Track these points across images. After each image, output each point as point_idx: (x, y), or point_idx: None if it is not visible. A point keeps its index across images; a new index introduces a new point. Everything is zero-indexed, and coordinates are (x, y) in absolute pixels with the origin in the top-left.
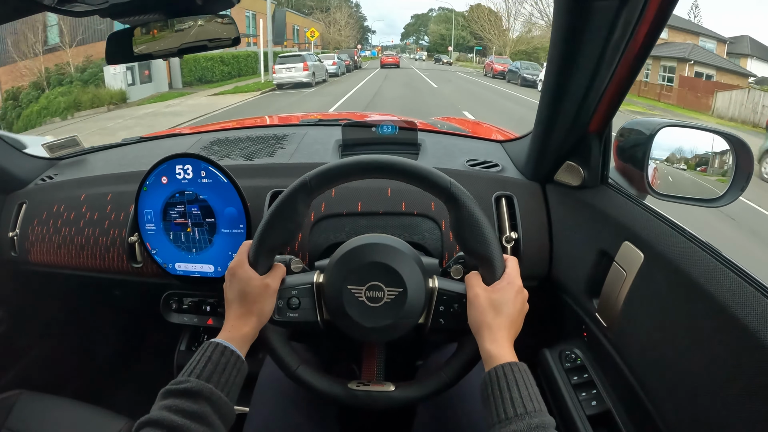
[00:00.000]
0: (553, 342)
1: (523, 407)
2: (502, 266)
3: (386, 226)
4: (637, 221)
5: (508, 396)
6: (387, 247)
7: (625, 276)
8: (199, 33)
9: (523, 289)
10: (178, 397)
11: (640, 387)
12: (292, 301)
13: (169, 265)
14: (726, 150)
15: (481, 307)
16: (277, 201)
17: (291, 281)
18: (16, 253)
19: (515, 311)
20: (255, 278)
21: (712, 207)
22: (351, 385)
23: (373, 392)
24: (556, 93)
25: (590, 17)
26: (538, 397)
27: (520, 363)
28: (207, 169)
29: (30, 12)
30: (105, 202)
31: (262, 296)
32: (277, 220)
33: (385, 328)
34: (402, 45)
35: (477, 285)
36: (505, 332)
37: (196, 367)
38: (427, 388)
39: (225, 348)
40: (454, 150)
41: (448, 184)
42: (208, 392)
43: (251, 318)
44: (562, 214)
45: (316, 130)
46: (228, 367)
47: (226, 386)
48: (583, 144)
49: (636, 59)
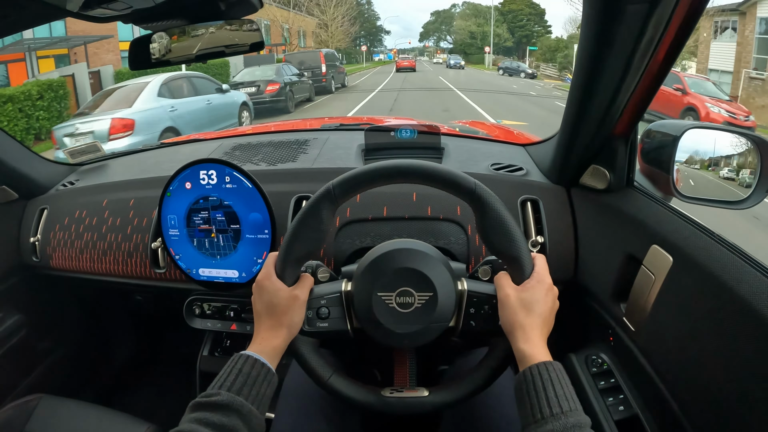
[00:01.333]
0: (579, 346)
1: (558, 407)
2: (531, 265)
3: (412, 231)
4: (665, 224)
5: (544, 395)
6: (415, 251)
7: (654, 280)
8: (217, 39)
9: (553, 286)
10: (208, 410)
11: (669, 392)
12: (322, 311)
13: (192, 270)
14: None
15: (512, 307)
16: (302, 211)
17: (319, 291)
18: (37, 258)
19: (547, 309)
20: (283, 290)
21: (737, 209)
22: (384, 393)
23: (407, 398)
24: (584, 95)
25: (621, 20)
26: (574, 397)
27: (554, 362)
28: (232, 175)
29: (53, 18)
30: (127, 207)
31: (292, 308)
32: (303, 230)
33: (416, 333)
34: (420, 48)
35: (507, 285)
36: (538, 331)
37: (227, 380)
38: (461, 391)
39: (256, 360)
40: (477, 154)
41: (473, 185)
42: (238, 405)
43: (281, 330)
44: (588, 218)
45: (338, 134)
46: (259, 379)
47: (257, 399)
48: (609, 147)
49: (664, 61)
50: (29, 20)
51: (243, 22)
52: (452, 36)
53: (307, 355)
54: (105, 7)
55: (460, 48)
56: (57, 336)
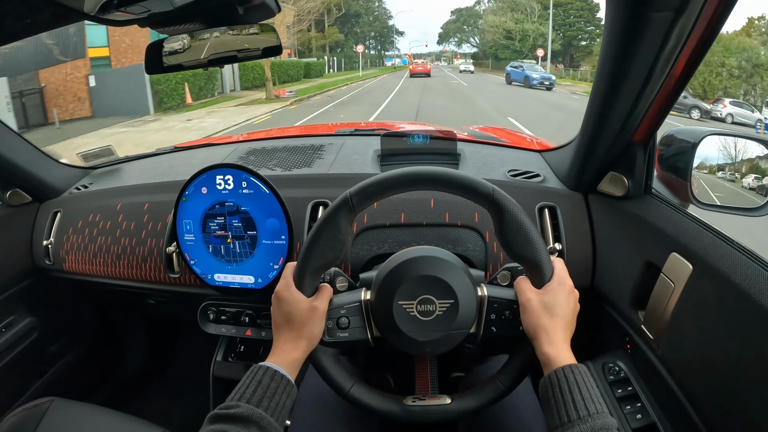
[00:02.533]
0: (595, 354)
1: (585, 409)
2: (551, 268)
3: (429, 238)
4: (684, 232)
5: (570, 398)
6: (435, 259)
7: (674, 288)
8: (230, 43)
9: (574, 288)
10: (227, 422)
11: (688, 400)
12: (342, 321)
13: (208, 275)
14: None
15: (534, 310)
16: (319, 220)
17: (338, 301)
18: (50, 261)
19: (569, 311)
20: (302, 301)
21: (754, 216)
22: (407, 401)
23: (430, 406)
24: (605, 102)
25: (645, 27)
26: (600, 399)
27: (579, 365)
28: (248, 180)
29: (69, 21)
30: (142, 211)
31: (311, 319)
32: (321, 240)
33: (438, 341)
34: (437, 53)
35: (528, 289)
36: (562, 333)
37: (246, 392)
38: (484, 397)
39: (275, 372)
40: (494, 160)
41: (491, 190)
42: (258, 418)
43: (301, 342)
44: (606, 225)
45: (353, 140)
46: (278, 391)
47: (276, 411)
48: (628, 153)
49: (686, 68)
50: (46, 23)
51: (261, 27)
52: (478, 37)
53: (328, 366)
54: (123, 11)
55: (491, 51)
56: (69, 339)
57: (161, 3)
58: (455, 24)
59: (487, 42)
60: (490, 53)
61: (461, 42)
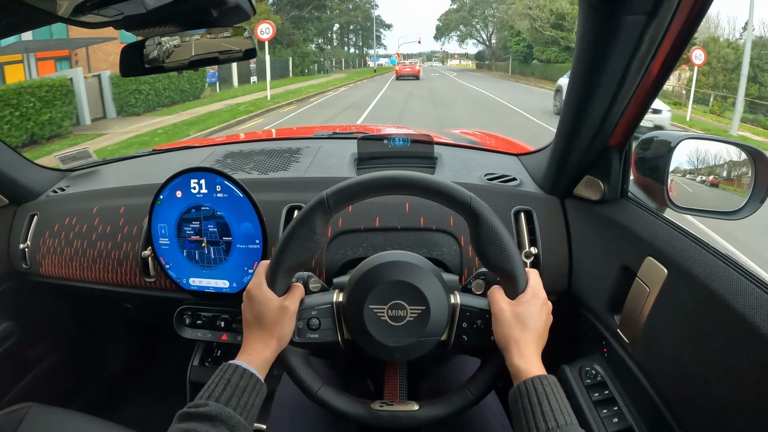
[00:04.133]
0: (572, 358)
1: (554, 420)
2: (525, 279)
3: (404, 242)
4: (659, 236)
5: (539, 410)
6: (408, 264)
7: (648, 292)
8: (211, 45)
9: (547, 301)
10: (196, 421)
11: (664, 404)
12: (312, 321)
13: (183, 280)
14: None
15: (507, 321)
16: (295, 220)
17: (310, 302)
18: (27, 265)
19: (541, 324)
20: (273, 300)
21: (731, 219)
22: (374, 406)
23: (397, 412)
24: (580, 107)
25: (617, 31)
26: (569, 410)
27: (549, 376)
28: (222, 184)
29: (44, 23)
30: (118, 215)
31: (282, 319)
32: (295, 240)
33: (408, 347)
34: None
35: (501, 300)
36: (533, 346)
37: (215, 390)
38: (452, 406)
39: (245, 371)
40: (471, 164)
41: (469, 198)
42: (226, 416)
43: (271, 341)
44: (582, 229)
45: (331, 143)
46: (247, 390)
47: (245, 410)
48: (604, 158)
49: (661, 72)
50: (20, 25)
51: (235, 29)
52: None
53: (297, 367)
54: (96, 13)
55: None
56: (47, 344)
57: (134, 5)
58: (457, 14)
59: (511, 36)
60: (518, 52)
61: (465, 37)
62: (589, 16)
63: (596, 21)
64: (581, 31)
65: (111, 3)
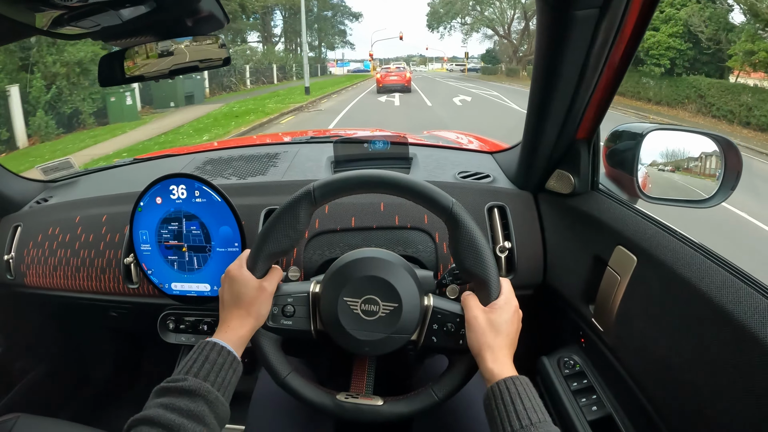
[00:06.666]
0: (551, 349)
1: (528, 419)
2: (499, 287)
3: (380, 241)
4: (628, 225)
5: (513, 409)
6: (385, 262)
7: (619, 280)
8: (190, 54)
9: (519, 308)
10: (175, 396)
11: (639, 390)
12: (287, 308)
13: (165, 285)
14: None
15: (480, 328)
16: (281, 208)
17: (287, 289)
18: (11, 276)
19: (513, 330)
20: (251, 280)
21: (702, 208)
22: (339, 397)
23: (362, 405)
24: (543, 102)
25: (573, 25)
26: (542, 408)
27: (521, 377)
28: (201, 189)
29: (23, 35)
30: (100, 223)
31: (259, 299)
32: (278, 227)
33: (377, 342)
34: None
35: (475, 306)
36: (506, 351)
37: (194, 366)
38: (416, 404)
39: (222, 348)
40: (445, 163)
41: (451, 204)
42: (205, 391)
43: (248, 319)
44: (555, 222)
45: (308, 147)
46: (225, 366)
47: (222, 386)
48: (572, 151)
49: (620, 64)
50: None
51: (209, 38)
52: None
53: (268, 351)
54: (74, 25)
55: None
56: (34, 354)
57: (110, 17)
58: None
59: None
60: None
61: (472, 29)
62: (545, 12)
63: (551, 17)
64: (539, 27)
65: (88, 15)
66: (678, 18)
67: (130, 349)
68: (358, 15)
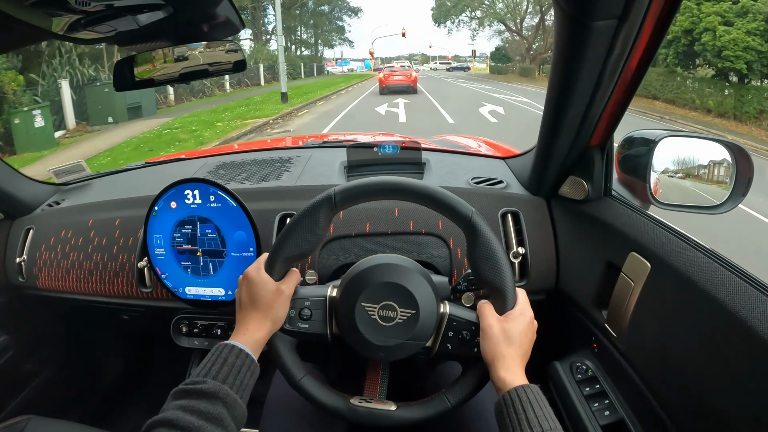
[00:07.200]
0: (563, 354)
1: (539, 426)
2: (515, 297)
3: (395, 246)
4: (642, 232)
5: (524, 417)
6: (403, 268)
7: (633, 286)
8: (203, 58)
9: (534, 320)
10: (193, 398)
11: (652, 394)
12: (304, 312)
13: (179, 289)
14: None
15: (495, 337)
16: (300, 212)
17: (305, 293)
18: (23, 278)
19: (527, 341)
20: (269, 282)
21: (714, 214)
22: (353, 401)
23: (375, 410)
24: (559, 109)
25: (590, 36)
26: (552, 416)
27: (532, 385)
28: (216, 194)
29: (38, 40)
30: (113, 227)
31: (276, 302)
32: (298, 230)
33: (393, 348)
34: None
35: (490, 315)
36: (519, 360)
37: (212, 369)
38: (429, 410)
39: (240, 350)
40: (458, 168)
41: (470, 213)
42: (224, 394)
43: (265, 322)
44: (568, 228)
45: (321, 152)
46: (243, 370)
47: (240, 388)
48: (586, 158)
49: (636, 73)
50: (15, 43)
51: (224, 43)
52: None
53: (284, 354)
54: (90, 30)
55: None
56: (45, 356)
57: (127, 22)
58: None
59: None
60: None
61: (482, 23)
62: (563, 22)
63: (570, 27)
64: (557, 37)
65: (104, 20)
66: (756, 11)
67: (140, 352)
68: (357, 10)
